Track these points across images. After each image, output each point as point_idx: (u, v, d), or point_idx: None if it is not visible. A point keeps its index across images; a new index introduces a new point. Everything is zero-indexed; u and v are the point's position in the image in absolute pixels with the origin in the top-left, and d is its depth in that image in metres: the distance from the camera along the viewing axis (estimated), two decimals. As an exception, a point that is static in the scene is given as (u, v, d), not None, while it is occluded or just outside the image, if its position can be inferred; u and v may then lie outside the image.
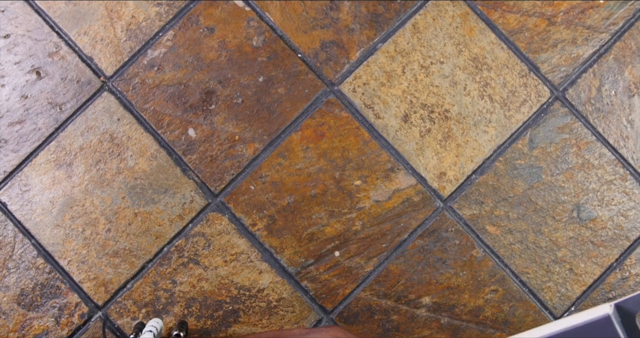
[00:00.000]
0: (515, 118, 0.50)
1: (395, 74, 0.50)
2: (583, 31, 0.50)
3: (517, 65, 0.50)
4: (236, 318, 0.49)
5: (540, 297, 0.49)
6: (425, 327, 0.49)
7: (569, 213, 0.50)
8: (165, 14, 0.50)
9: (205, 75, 0.50)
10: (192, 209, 0.49)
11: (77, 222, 0.49)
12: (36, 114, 0.50)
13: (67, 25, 0.50)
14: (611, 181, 0.50)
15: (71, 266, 0.49)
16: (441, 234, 0.50)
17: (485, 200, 0.50)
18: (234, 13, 0.50)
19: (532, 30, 0.50)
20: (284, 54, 0.50)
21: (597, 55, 0.50)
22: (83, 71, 0.50)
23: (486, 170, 0.50)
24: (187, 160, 0.50)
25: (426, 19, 0.50)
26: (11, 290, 0.49)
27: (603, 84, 0.50)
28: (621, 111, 0.50)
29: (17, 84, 0.50)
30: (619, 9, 0.50)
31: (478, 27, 0.50)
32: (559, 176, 0.50)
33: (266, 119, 0.50)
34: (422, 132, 0.50)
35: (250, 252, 0.49)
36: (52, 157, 0.49)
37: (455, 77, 0.50)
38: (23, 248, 0.49)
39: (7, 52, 0.50)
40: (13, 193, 0.49)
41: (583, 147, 0.50)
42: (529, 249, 0.49)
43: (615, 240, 0.49)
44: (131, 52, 0.50)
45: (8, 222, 0.49)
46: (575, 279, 0.49)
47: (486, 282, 0.49)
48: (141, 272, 0.49)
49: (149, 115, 0.50)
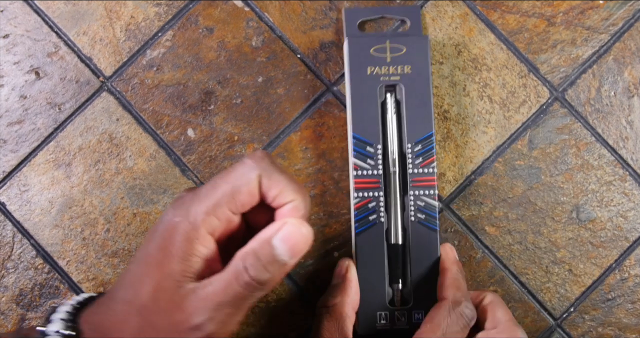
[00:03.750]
0: (514, 119, 0.50)
1: None
2: (582, 32, 0.50)
3: (517, 65, 0.50)
4: None
5: (539, 298, 0.49)
6: None
7: (568, 214, 0.50)
8: (164, 14, 0.50)
9: (204, 75, 0.50)
10: None
11: (76, 222, 0.49)
12: (35, 114, 0.50)
13: (67, 25, 0.50)
14: (610, 182, 0.50)
15: (70, 266, 0.49)
16: (440, 235, 0.50)
17: (485, 200, 0.50)
18: (233, 13, 0.50)
19: (531, 30, 0.50)
20: (283, 54, 0.50)
21: (597, 55, 0.50)
22: (82, 71, 0.50)
23: (485, 170, 0.50)
24: (186, 160, 0.50)
25: (425, 19, 0.50)
26: (10, 290, 0.49)
27: (602, 84, 0.50)
28: (620, 112, 0.50)
29: (16, 84, 0.50)
30: (619, 9, 0.50)
31: (477, 28, 0.50)
32: (558, 177, 0.50)
33: (265, 119, 0.50)
34: None
35: None
36: (51, 157, 0.49)
37: (455, 77, 0.50)
38: (22, 248, 0.49)
39: (6, 52, 0.50)
40: (12, 194, 0.49)
41: (582, 148, 0.50)
42: (528, 250, 0.49)
43: (615, 241, 0.49)
44: (130, 52, 0.50)
45: (7, 222, 0.49)
46: (575, 280, 0.49)
47: (485, 282, 0.49)
48: None
49: (148, 116, 0.50)
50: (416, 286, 0.46)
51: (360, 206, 0.46)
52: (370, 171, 0.46)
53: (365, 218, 0.46)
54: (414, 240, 0.46)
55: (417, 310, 0.46)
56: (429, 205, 0.46)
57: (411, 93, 0.46)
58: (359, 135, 0.46)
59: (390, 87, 0.47)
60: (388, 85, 0.47)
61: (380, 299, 0.46)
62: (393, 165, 0.46)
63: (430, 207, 0.46)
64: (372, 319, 0.46)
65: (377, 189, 0.46)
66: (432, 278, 0.45)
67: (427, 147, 0.46)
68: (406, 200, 0.46)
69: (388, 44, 0.47)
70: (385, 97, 0.47)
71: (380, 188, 0.46)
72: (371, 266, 0.46)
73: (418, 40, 0.47)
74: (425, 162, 0.46)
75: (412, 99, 0.46)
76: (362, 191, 0.46)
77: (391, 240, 0.46)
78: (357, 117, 0.46)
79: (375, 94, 0.47)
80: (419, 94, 0.47)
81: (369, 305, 0.45)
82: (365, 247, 0.46)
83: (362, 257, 0.46)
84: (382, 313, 0.46)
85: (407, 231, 0.46)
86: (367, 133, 0.46)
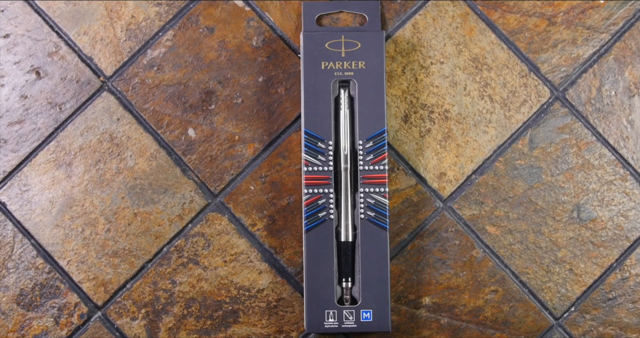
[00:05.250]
0: (515, 118, 0.51)
1: (395, 73, 0.51)
2: (583, 31, 0.51)
3: (517, 65, 0.51)
4: (236, 319, 0.49)
5: (540, 298, 0.50)
6: (425, 328, 0.49)
7: (569, 214, 0.50)
8: (165, 14, 0.51)
9: (205, 75, 0.51)
10: (191, 209, 0.50)
11: (77, 222, 0.50)
12: (36, 114, 0.50)
13: (67, 25, 0.51)
14: (611, 181, 0.50)
15: (70, 266, 0.49)
16: (441, 234, 0.50)
17: (485, 200, 0.50)
18: (233, 13, 0.51)
19: (532, 30, 0.51)
20: (284, 54, 0.51)
21: (597, 55, 0.51)
22: (83, 71, 0.51)
23: (486, 170, 0.50)
24: (187, 160, 0.50)
25: (426, 19, 0.51)
26: (10, 290, 0.49)
27: (603, 84, 0.51)
28: (621, 111, 0.51)
29: (16, 84, 0.50)
30: (619, 9, 0.51)
31: (478, 27, 0.51)
32: (559, 176, 0.50)
33: (266, 119, 0.50)
34: (422, 132, 0.50)
35: (250, 252, 0.50)
36: (51, 157, 0.50)
37: (455, 77, 0.51)
38: (22, 248, 0.49)
39: (6, 52, 0.50)
40: (12, 193, 0.50)
41: (583, 148, 0.50)
42: (529, 249, 0.50)
43: (615, 240, 0.50)
44: (131, 52, 0.51)
45: (7, 222, 0.49)
46: (575, 279, 0.50)
47: (486, 282, 0.50)
48: (141, 272, 0.50)
49: (149, 115, 0.50)
50: (365, 285, 0.46)
51: (310, 202, 0.46)
52: (321, 167, 0.47)
53: (314, 215, 0.46)
54: (364, 238, 0.46)
55: (366, 309, 0.46)
56: (379, 202, 0.46)
57: (364, 89, 0.47)
58: (310, 130, 0.47)
59: (344, 82, 0.48)
60: (342, 81, 0.47)
61: (329, 297, 0.46)
62: (344, 162, 0.47)
63: (381, 204, 0.46)
64: (320, 318, 0.46)
65: (328, 186, 0.46)
66: (381, 277, 0.46)
67: (379, 143, 0.47)
68: (357, 198, 0.47)
69: (343, 39, 0.47)
70: (339, 93, 0.47)
71: (330, 185, 0.46)
72: (320, 263, 0.46)
73: (373, 36, 0.47)
74: (377, 159, 0.47)
75: (365, 94, 0.47)
76: (313, 187, 0.46)
77: (341, 237, 0.46)
78: (310, 113, 0.47)
79: (329, 89, 0.47)
80: (372, 90, 0.47)
81: (317, 303, 0.46)
82: (315, 244, 0.46)
83: (311, 254, 0.46)
84: (330, 312, 0.46)
85: (357, 229, 0.46)
86: (319, 129, 0.47)
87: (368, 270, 0.46)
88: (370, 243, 0.46)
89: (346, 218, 0.47)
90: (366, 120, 0.47)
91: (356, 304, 0.46)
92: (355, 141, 0.47)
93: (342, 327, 0.46)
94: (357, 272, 0.46)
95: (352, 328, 0.46)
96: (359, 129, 0.47)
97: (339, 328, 0.46)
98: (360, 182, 0.47)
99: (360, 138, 0.47)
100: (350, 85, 0.48)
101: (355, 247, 0.47)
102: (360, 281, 0.46)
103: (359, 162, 0.47)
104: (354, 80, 0.47)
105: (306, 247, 0.46)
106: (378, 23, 0.49)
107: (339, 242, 0.47)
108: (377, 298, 0.46)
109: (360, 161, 0.47)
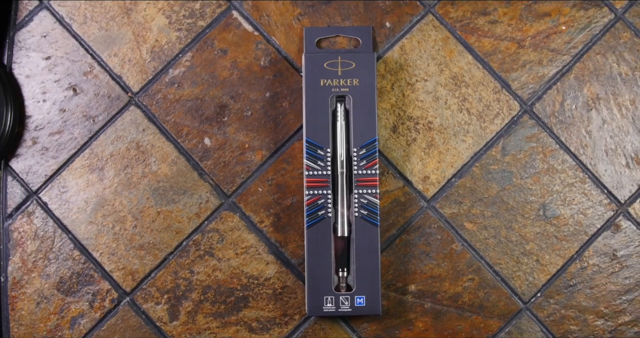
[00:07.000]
0: (489, 129, 0.55)
1: (385, 89, 0.55)
2: (548, 53, 0.55)
3: (491, 82, 0.55)
4: (246, 304, 0.53)
5: (511, 285, 0.54)
6: (411, 311, 0.53)
7: (536, 212, 0.54)
8: (184, 38, 0.55)
9: (219, 91, 0.55)
10: (207, 208, 0.54)
11: (108, 220, 0.54)
12: (73, 125, 0.55)
13: (100, 48, 0.55)
14: (572, 184, 0.55)
15: (103, 257, 0.54)
16: (425, 230, 0.54)
17: (464, 200, 0.54)
18: (244, 37, 0.55)
19: (504, 52, 0.55)
20: (288, 72, 0.55)
21: (560, 74, 0.55)
22: (113, 88, 0.55)
23: (464, 174, 0.55)
24: (203, 165, 0.54)
25: (412, 42, 0.55)
26: (52, 278, 0.53)
27: (565, 99, 0.55)
28: (581, 123, 0.55)
29: (56, 99, 0.55)
30: (579, 34, 0.55)
31: (457, 50, 0.55)
32: (528, 179, 0.55)
33: (272, 129, 0.55)
34: (409, 141, 0.55)
35: (258, 245, 0.54)
36: (86, 163, 0.54)
37: (438, 93, 0.55)
38: (62, 242, 0.54)
39: (48, 72, 0.55)
40: (53, 194, 0.54)
41: (548, 154, 0.55)
42: (502, 243, 0.54)
43: (576, 235, 0.54)
44: (155, 71, 0.55)
45: (49, 219, 0.54)
46: (541, 269, 0.54)
47: (464, 271, 0.54)
48: (163, 263, 0.54)
49: (170, 126, 0.55)
50: (359, 274, 0.49)
51: (310, 202, 0.50)
52: (321, 171, 0.50)
53: (315, 213, 0.50)
54: (358, 234, 0.50)
55: (359, 295, 0.50)
56: (371, 202, 0.50)
57: (358, 103, 0.50)
58: (311, 139, 0.50)
59: (341, 97, 0.51)
60: (339, 96, 0.51)
61: (327, 285, 0.50)
62: (341, 167, 0.50)
63: (372, 204, 0.50)
64: (319, 303, 0.50)
65: (326, 187, 0.50)
66: (373, 267, 0.49)
67: (371, 151, 0.50)
68: (351, 198, 0.50)
69: (340, 60, 0.51)
70: (336, 106, 0.51)
71: (328, 187, 0.50)
72: (320, 255, 0.50)
73: (366, 57, 0.51)
74: (369, 164, 0.50)
75: (358, 108, 0.50)
76: (313, 189, 0.50)
77: (338, 232, 0.50)
78: (310, 124, 0.50)
79: (327, 103, 0.51)
80: (365, 104, 0.50)
81: (317, 290, 0.50)
82: (315, 239, 0.50)
83: (311, 247, 0.50)
84: (329, 298, 0.50)
85: (352, 225, 0.50)
86: (318, 138, 0.50)
87: (361, 261, 0.50)
88: (363, 238, 0.50)
89: (342, 216, 0.50)
90: (360, 130, 0.50)
91: (351, 291, 0.50)
92: (350, 149, 0.51)
93: (339, 310, 0.50)
94: (352, 262, 0.50)
95: (347, 312, 0.50)
96: (354, 138, 0.50)
97: (336, 312, 0.50)
98: (355, 184, 0.50)
99: (355, 146, 0.50)
100: (346, 100, 0.51)
101: (350, 241, 0.50)
102: (354, 271, 0.50)
103: (354, 167, 0.50)
104: (349, 96, 0.51)
105: (307, 241, 0.50)
106: (370, 46, 0.54)
107: (336, 237, 0.50)
108: (369, 286, 0.49)
109: (354, 166, 0.50)
